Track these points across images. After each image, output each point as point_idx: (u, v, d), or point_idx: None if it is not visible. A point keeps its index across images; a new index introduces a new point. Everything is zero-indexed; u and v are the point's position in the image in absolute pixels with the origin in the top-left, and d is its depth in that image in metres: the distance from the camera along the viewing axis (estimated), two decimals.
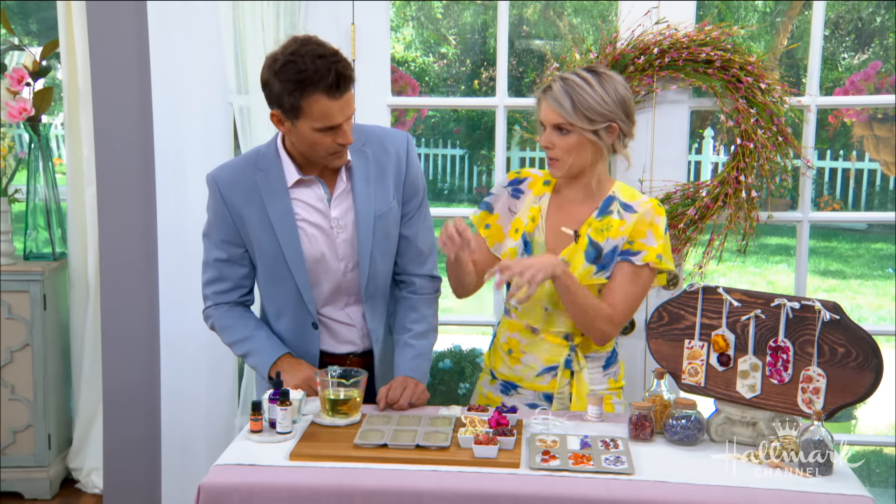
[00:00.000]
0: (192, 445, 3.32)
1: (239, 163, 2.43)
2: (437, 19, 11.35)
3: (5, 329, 3.58)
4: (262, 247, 2.36)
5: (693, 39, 2.97)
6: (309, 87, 2.15)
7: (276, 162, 2.35)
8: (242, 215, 2.35)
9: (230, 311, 2.44)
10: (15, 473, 3.65)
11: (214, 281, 2.43)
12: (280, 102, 2.21)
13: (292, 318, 2.42)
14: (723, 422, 2.17)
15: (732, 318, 2.16)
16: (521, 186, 2.50)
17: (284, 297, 2.41)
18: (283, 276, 2.37)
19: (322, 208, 2.37)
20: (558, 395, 2.42)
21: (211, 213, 2.41)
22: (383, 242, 2.42)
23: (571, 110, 2.29)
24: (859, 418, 4.62)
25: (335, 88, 2.16)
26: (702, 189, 3.05)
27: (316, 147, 2.26)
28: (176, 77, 3.18)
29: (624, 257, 2.36)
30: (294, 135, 2.27)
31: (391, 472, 1.96)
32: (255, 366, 2.43)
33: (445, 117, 12.24)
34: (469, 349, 4.47)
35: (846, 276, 9.04)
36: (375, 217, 2.38)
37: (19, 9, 7.27)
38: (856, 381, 2.01)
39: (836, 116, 4.99)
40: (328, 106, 2.18)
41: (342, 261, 2.40)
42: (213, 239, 2.41)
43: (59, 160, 5.15)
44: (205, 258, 2.44)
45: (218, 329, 2.46)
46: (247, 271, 2.44)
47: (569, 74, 2.34)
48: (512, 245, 2.44)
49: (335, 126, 2.22)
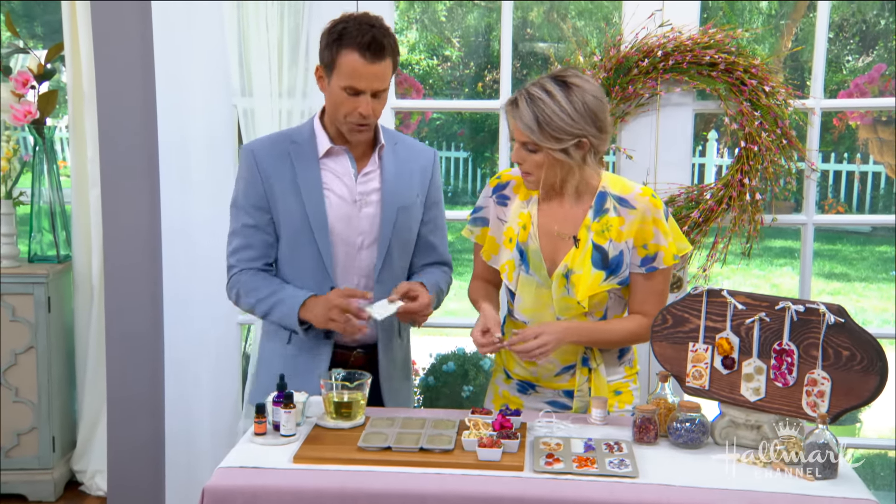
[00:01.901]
0: (195, 448, 3.32)
1: (276, 136, 2.56)
2: (440, 22, 11.36)
3: (9, 331, 3.59)
4: (288, 211, 2.42)
5: (697, 42, 2.97)
6: (345, 41, 2.29)
7: (310, 134, 2.47)
8: (272, 181, 2.43)
9: (256, 274, 2.46)
10: (19, 476, 3.65)
11: (242, 248, 2.47)
12: (322, 57, 2.36)
13: (313, 286, 2.44)
14: (727, 425, 2.16)
15: (737, 321, 2.15)
16: (506, 192, 2.43)
17: (306, 261, 2.44)
18: (307, 240, 2.42)
19: (348, 181, 2.45)
20: (578, 392, 2.41)
21: (242, 181, 2.47)
22: (403, 233, 2.50)
23: (537, 130, 2.19)
24: (864, 421, 4.61)
25: (366, 48, 2.27)
26: (706, 192, 3.05)
27: (339, 109, 2.35)
28: (180, 79, 3.19)
29: (648, 267, 2.33)
30: (327, 94, 2.39)
31: (395, 474, 1.96)
32: (283, 316, 2.40)
33: (449, 120, 12.25)
34: (472, 352, 4.46)
35: (850, 279, 9.03)
36: (400, 207, 2.47)
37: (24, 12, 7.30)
38: (860, 385, 2.01)
39: (840, 119, 4.99)
40: (357, 64, 2.28)
41: (360, 235, 2.45)
42: (243, 205, 2.46)
43: (63, 163, 5.16)
44: (232, 227, 2.48)
45: (243, 293, 2.46)
46: (272, 240, 2.47)
47: (534, 88, 2.21)
48: (508, 257, 2.38)
49: (359, 91, 2.31)
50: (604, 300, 2.36)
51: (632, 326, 2.37)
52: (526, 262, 2.36)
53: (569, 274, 2.32)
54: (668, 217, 2.35)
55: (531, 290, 2.37)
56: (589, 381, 2.40)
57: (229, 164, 3.25)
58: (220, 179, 3.23)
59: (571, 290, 2.32)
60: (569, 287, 2.32)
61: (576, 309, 2.33)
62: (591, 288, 2.31)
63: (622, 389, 2.45)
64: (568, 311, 2.35)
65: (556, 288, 2.33)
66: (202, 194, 3.24)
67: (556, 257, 2.35)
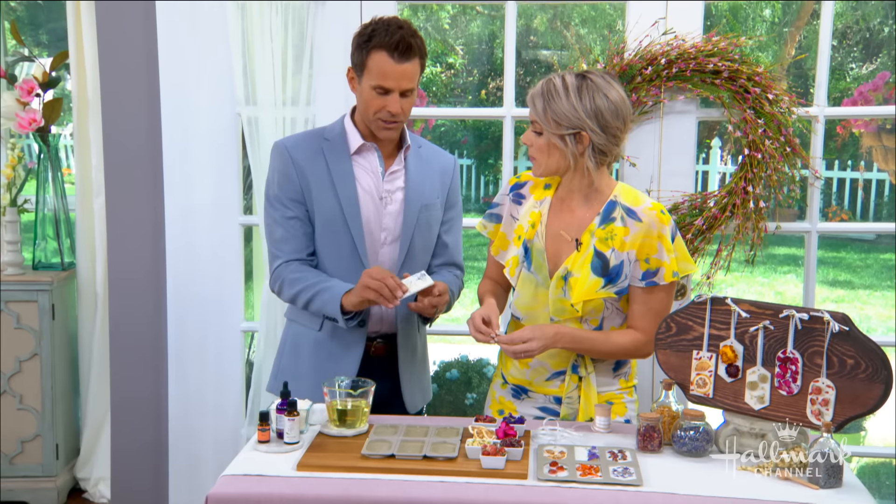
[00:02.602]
0: (199, 455, 3.32)
1: (307, 133, 2.64)
2: (444, 29, 11.38)
3: (14, 339, 3.59)
4: (322, 204, 2.49)
5: (700, 50, 2.97)
6: (374, 42, 2.39)
7: (341, 133, 2.55)
8: (307, 175, 2.50)
9: (300, 265, 2.51)
10: (23, 483, 3.65)
11: (286, 239, 2.51)
12: (353, 59, 2.46)
13: (348, 272, 2.49)
14: (731, 433, 2.16)
15: (741, 328, 2.15)
16: (523, 191, 2.48)
17: (340, 251, 2.51)
18: (341, 231, 2.50)
19: (375, 178, 2.54)
20: (567, 399, 2.41)
21: (278, 175, 2.53)
22: (425, 231, 2.58)
23: (542, 112, 2.29)
24: (868, 430, 4.60)
25: (395, 49, 2.37)
26: (709, 199, 3.05)
27: (369, 108, 2.44)
28: (184, 88, 3.19)
29: (648, 282, 2.33)
30: (358, 94, 2.48)
31: (399, 482, 1.96)
32: (324, 304, 2.44)
33: (453, 127, 12.26)
34: (476, 359, 4.46)
35: (854, 287, 9.01)
36: (422, 205, 2.56)
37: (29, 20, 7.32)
38: (865, 393, 2.00)
39: (844, 127, 4.98)
40: (387, 64, 2.38)
41: (383, 231, 2.54)
42: (280, 198, 2.52)
43: (67, 170, 5.17)
44: (272, 219, 2.53)
45: (287, 283, 2.50)
46: (311, 230, 2.53)
47: (555, 76, 2.32)
48: (514, 253, 2.42)
49: (388, 90, 2.40)
50: (600, 308, 2.36)
51: (625, 342, 2.37)
52: (529, 259, 2.39)
53: (567, 276, 2.33)
54: (675, 236, 2.35)
55: (530, 288, 2.40)
56: (578, 389, 2.41)
57: (233, 173, 3.25)
58: (224, 187, 3.24)
59: (568, 292, 2.33)
60: (566, 289, 2.33)
61: (570, 312, 2.34)
62: (588, 293, 2.32)
63: (614, 400, 2.44)
64: (562, 314, 2.36)
65: (554, 289, 2.35)
66: (206, 202, 3.25)
67: (558, 259, 2.37)
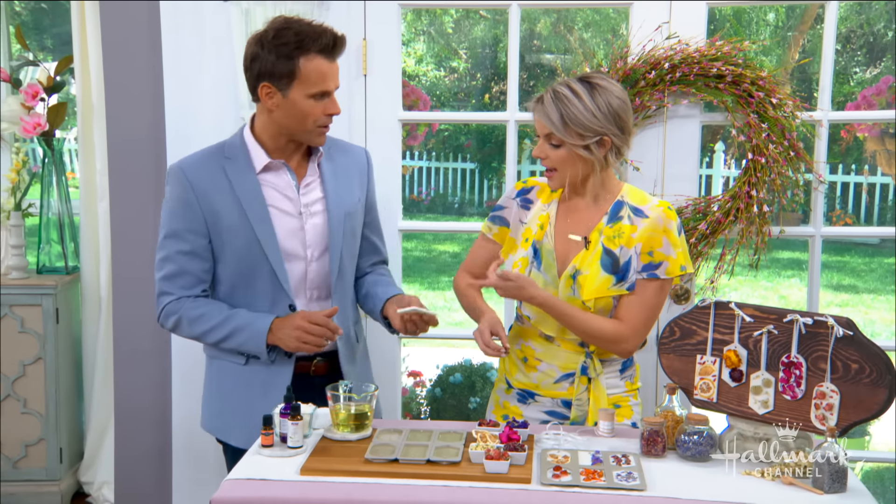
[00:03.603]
0: (203, 459, 3.32)
1: (205, 153, 2.43)
2: (448, 34, 11.40)
3: (18, 343, 3.60)
4: (233, 231, 2.33)
5: (704, 54, 2.97)
6: (306, 46, 2.22)
7: (243, 149, 2.38)
8: (211, 200, 2.33)
9: (196, 300, 2.37)
10: (27, 487, 3.65)
11: (177, 275, 2.36)
12: (272, 71, 2.25)
13: (269, 305, 2.38)
14: (735, 438, 2.16)
15: (745, 333, 2.15)
16: (530, 196, 2.49)
17: (260, 282, 2.37)
18: (257, 259, 2.35)
19: (290, 194, 2.39)
20: (576, 401, 2.41)
21: (175, 203, 2.35)
22: (350, 240, 2.48)
23: (561, 125, 2.27)
24: (873, 434, 4.59)
25: (330, 50, 2.25)
26: (713, 203, 3.05)
27: (306, 118, 2.29)
28: (189, 91, 3.20)
29: (649, 273, 2.34)
30: (283, 108, 2.29)
31: (402, 487, 1.96)
32: (244, 342, 2.33)
33: (456, 131, 12.28)
34: (479, 363, 4.46)
35: (859, 291, 8.99)
36: (346, 213, 2.43)
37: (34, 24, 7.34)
38: (870, 398, 2.00)
39: (848, 131, 4.98)
40: (325, 67, 2.25)
41: (309, 248, 2.41)
42: (176, 229, 2.35)
43: (72, 174, 5.18)
44: (163, 254, 2.38)
45: (186, 321, 2.37)
46: (209, 266, 2.39)
47: (560, 86, 2.30)
48: (523, 254, 2.42)
49: (327, 92, 2.28)
50: (608, 307, 2.37)
51: (607, 327, 2.35)
52: (539, 259, 2.40)
53: (576, 275, 2.35)
54: (680, 232, 2.37)
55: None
56: (588, 391, 2.41)
57: None
58: None
59: (577, 290, 2.34)
60: (575, 287, 2.35)
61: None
62: (599, 290, 2.33)
63: (621, 403, 2.45)
64: None
65: (563, 288, 2.36)
66: None
67: (567, 258, 2.39)
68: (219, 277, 2.43)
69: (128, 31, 3.27)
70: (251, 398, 2.40)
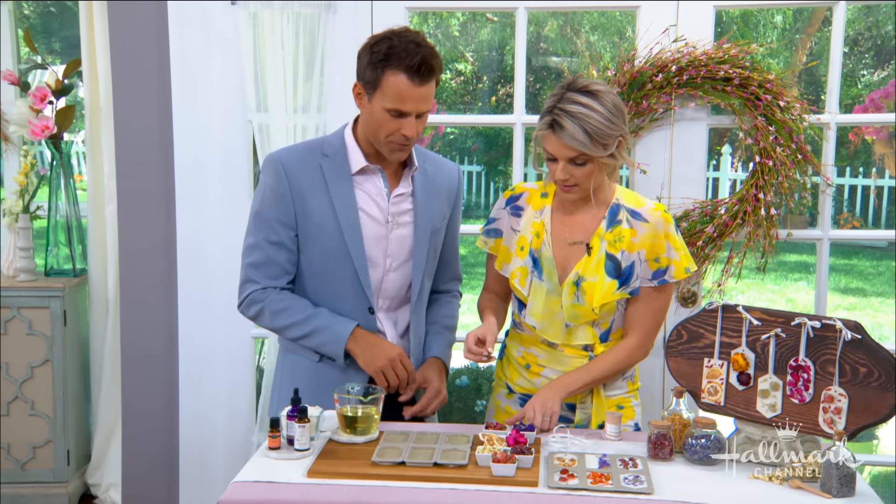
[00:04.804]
0: (210, 462, 3.33)
1: (304, 147, 2.43)
2: (454, 37, 11.39)
3: (25, 345, 3.61)
4: (322, 229, 2.33)
5: (711, 57, 2.96)
6: (392, 62, 2.20)
7: (342, 149, 2.37)
8: (304, 196, 2.33)
9: (282, 293, 2.36)
10: (34, 489, 3.66)
11: (264, 264, 2.35)
12: (363, 74, 2.26)
13: (349, 305, 2.37)
14: (743, 441, 2.15)
15: (752, 336, 2.14)
16: (520, 203, 2.47)
17: (341, 281, 2.36)
18: (342, 260, 2.34)
19: (381, 201, 2.37)
20: (581, 404, 2.41)
21: (269, 193, 2.34)
22: (432, 256, 2.46)
23: (589, 142, 2.23)
24: (881, 438, 4.57)
25: (416, 71, 2.20)
26: (720, 206, 3.04)
27: (380, 129, 2.27)
28: (196, 94, 3.21)
29: (660, 280, 2.35)
30: (366, 112, 2.29)
31: (409, 489, 1.96)
32: (324, 343, 2.33)
33: (463, 134, 12.28)
34: (486, 366, 4.46)
35: (867, 294, 8.96)
36: (432, 230, 2.43)
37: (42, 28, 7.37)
38: (878, 402, 1.99)
39: (856, 134, 4.98)
40: (405, 86, 2.21)
41: (388, 257, 2.39)
42: (267, 219, 2.34)
43: (80, 177, 5.20)
44: (253, 239, 2.36)
45: (269, 313, 2.35)
46: (295, 258, 2.37)
47: (569, 105, 2.24)
48: (521, 264, 2.41)
49: (404, 113, 2.24)
50: (612, 310, 2.38)
51: (620, 355, 2.39)
52: (539, 268, 2.39)
53: (579, 281, 2.34)
54: (677, 232, 2.39)
55: (541, 296, 2.39)
56: (591, 394, 2.42)
57: (244, 179, 3.26)
58: (236, 194, 3.24)
59: (582, 297, 2.34)
60: (579, 294, 2.34)
61: (586, 316, 2.36)
62: (605, 296, 2.33)
63: (624, 405, 2.46)
64: (576, 318, 2.37)
65: (567, 295, 2.36)
66: (217, 209, 3.26)
67: (567, 265, 2.38)
68: (301, 269, 2.41)
69: (136, 34, 3.28)
70: (321, 397, 2.34)
